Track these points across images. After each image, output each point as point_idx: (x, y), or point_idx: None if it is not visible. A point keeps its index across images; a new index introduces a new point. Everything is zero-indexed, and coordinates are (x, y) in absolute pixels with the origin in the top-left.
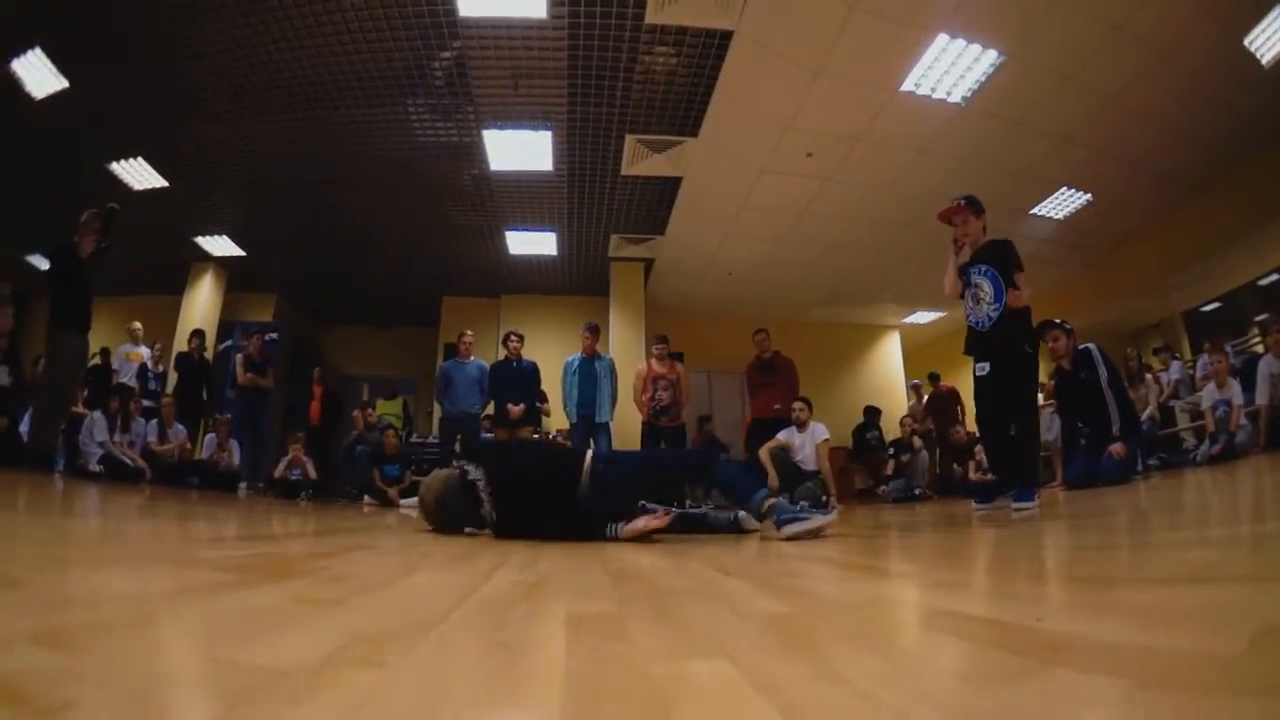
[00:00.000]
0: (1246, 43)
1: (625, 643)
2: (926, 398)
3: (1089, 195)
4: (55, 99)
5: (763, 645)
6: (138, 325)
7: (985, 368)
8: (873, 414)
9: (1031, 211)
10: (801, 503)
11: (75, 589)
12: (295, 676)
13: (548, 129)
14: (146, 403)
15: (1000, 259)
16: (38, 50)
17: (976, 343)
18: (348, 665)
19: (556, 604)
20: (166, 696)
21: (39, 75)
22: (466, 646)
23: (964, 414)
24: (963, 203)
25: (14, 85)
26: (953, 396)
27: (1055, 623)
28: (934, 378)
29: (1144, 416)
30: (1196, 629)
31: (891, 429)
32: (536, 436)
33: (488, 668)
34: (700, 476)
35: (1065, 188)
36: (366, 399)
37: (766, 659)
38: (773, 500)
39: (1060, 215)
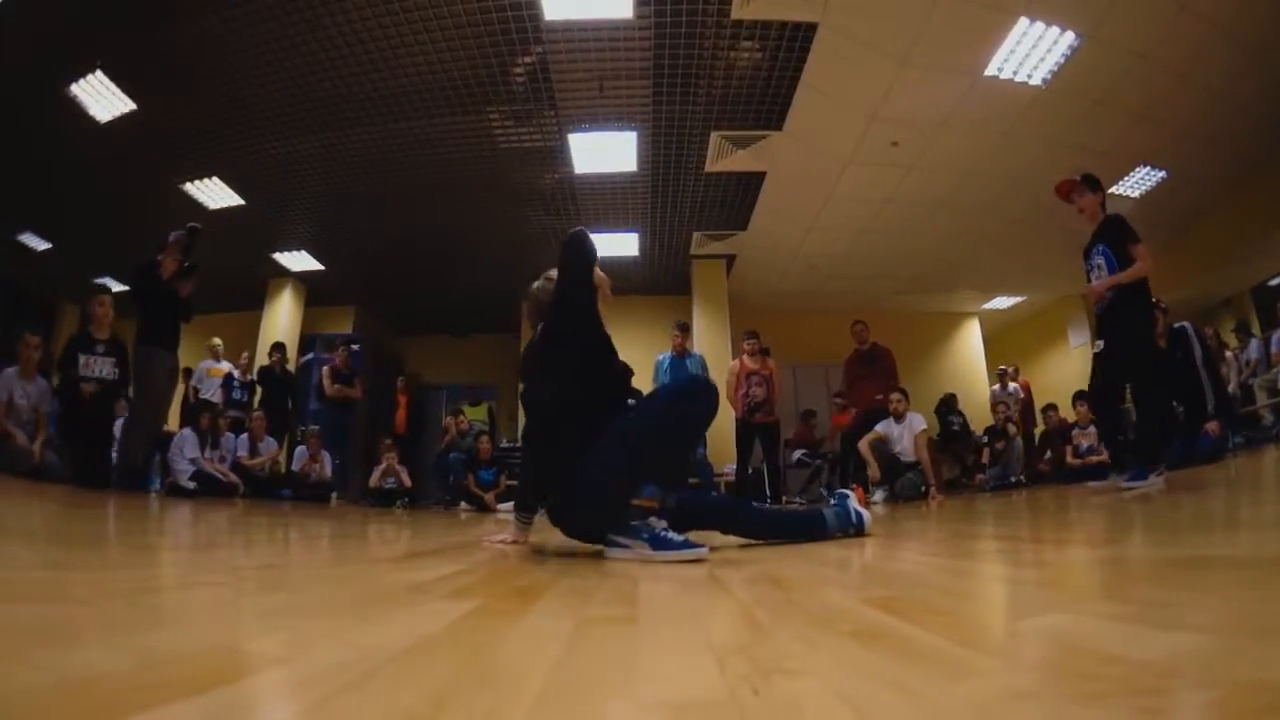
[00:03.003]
0: None
1: (952, 615)
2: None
3: (1164, 173)
4: (123, 121)
5: (1073, 599)
6: (218, 341)
7: (1100, 344)
8: (950, 400)
9: (1110, 191)
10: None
11: (336, 654)
12: (742, 700)
13: (632, 129)
14: (233, 413)
15: (1113, 235)
16: (99, 73)
17: (1100, 326)
18: (768, 678)
19: (833, 594)
20: None
21: (103, 98)
22: (835, 639)
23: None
24: (1077, 178)
25: (78, 108)
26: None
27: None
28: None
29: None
30: None
31: (972, 417)
32: None
33: (883, 652)
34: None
35: (1142, 165)
36: (449, 406)
37: (1093, 606)
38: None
39: (1137, 194)
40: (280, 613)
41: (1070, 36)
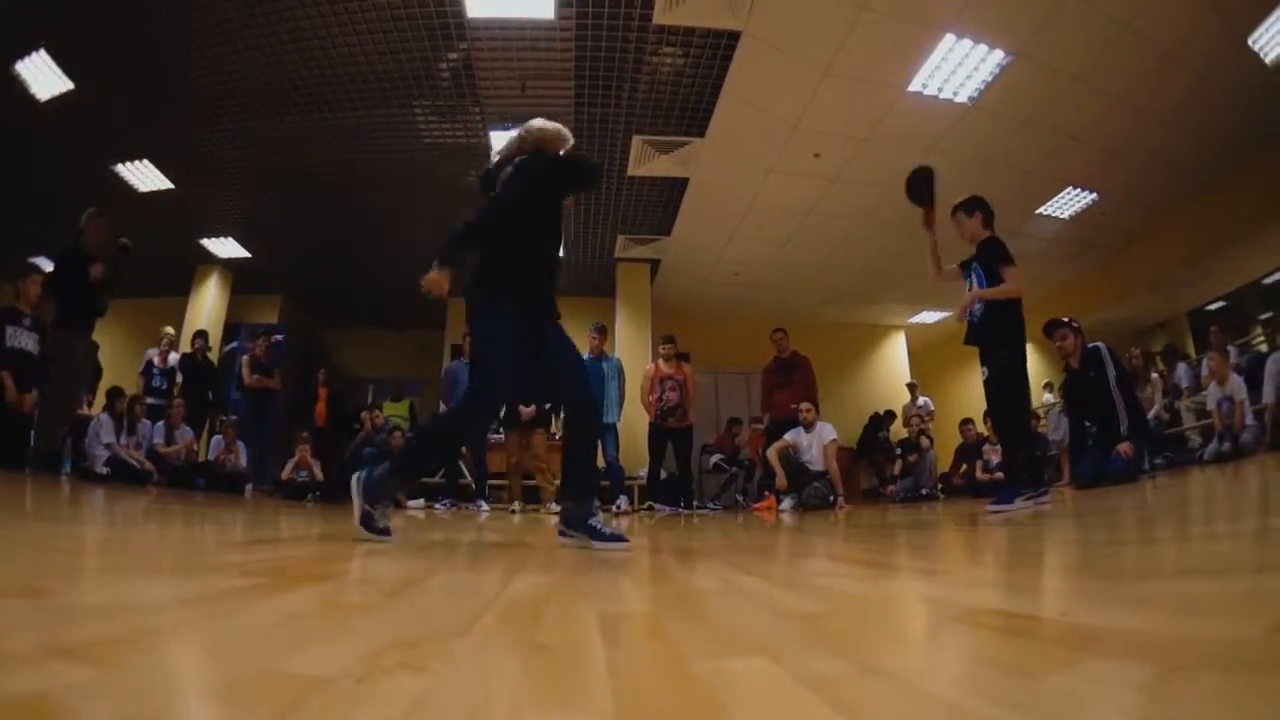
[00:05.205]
0: (1250, 42)
1: (663, 642)
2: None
3: (1095, 195)
4: (60, 101)
5: (800, 642)
6: (170, 330)
7: (985, 371)
8: (887, 415)
9: (1037, 211)
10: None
11: (100, 598)
12: (340, 684)
13: None
14: (151, 400)
15: (986, 256)
16: (42, 52)
17: (970, 334)
18: (390, 671)
19: (585, 606)
20: (213, 711)
21: (44, 77)
22: (506, 649)
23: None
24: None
25: (19, 87)
26: None
27: (1081, 616)
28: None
29: (1150, 415)
30: (1217, 617)
31: (893, 430)
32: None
33: (531, 670)
34: None
35: (1071, 187)
36: (372, 400)
37: (806, 656)
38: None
39: (1066, 215)
40: (94, 570)
41: (999, 54)
